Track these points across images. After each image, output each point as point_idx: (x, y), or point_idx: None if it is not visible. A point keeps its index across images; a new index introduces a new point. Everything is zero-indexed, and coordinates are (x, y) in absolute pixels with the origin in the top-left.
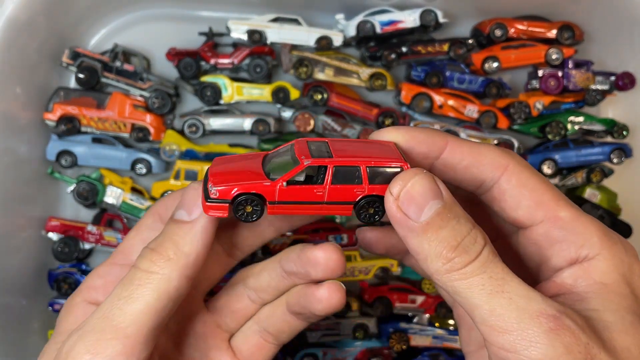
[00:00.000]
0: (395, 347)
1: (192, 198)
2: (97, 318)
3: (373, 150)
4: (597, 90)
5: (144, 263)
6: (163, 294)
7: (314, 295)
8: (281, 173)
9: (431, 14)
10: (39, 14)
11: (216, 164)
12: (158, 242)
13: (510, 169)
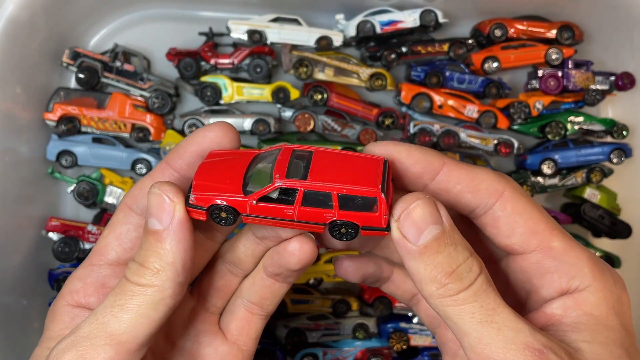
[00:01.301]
0: (395, 346)
1: (158, 204)
2: (90, 324)
3: (354, 172)
4: (597, 90)
5: (134, 276)
6: (158, 305)
7: (286, 251)
8: (257, 187)
9: (431, 14)
10: (39, 14)
11: (205, 164)
12: (142, 256)
13: (506, 195)
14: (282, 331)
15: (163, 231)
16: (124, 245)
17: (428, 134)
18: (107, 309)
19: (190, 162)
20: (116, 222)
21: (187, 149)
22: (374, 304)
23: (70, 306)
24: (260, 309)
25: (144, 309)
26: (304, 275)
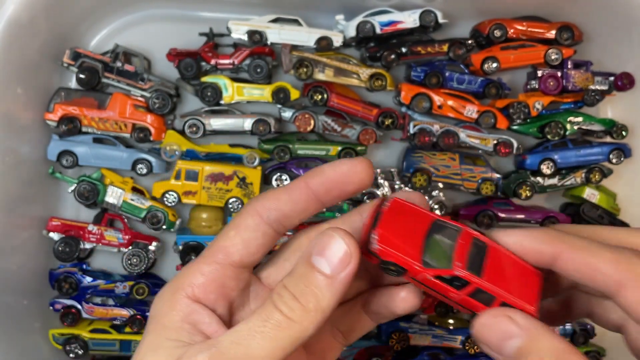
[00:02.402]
0: (395, 346)
1: (337, 252)
2: (233, 343)
3: (519, 282)
4: (596, 91)
5: (284, 307)
6: (296, 341)
7: (398, 296)
8: (434, 261)
9: (431, 15)
10: (40, 14)
11: (389, 214)
12: (299, 289)
13: (629, 287)
14: None
15: (332, 277)
16: (249, 250)
17: (428, 134)
18: (250, 332)
19: (328, 187)
20: (245, 226)
21: (329, 175)
22: None
23: (189, 299)
24: (344, 339)
25: (284, 342)
26: None
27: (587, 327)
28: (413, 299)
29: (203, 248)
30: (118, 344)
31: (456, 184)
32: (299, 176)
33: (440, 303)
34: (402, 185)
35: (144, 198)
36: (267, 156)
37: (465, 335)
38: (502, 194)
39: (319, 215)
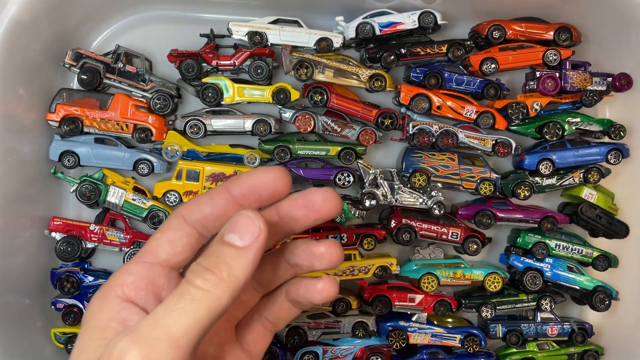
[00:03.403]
0: (395, 344)
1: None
2: (150, 325)
3: None
4: (594, 91)
5: (197, 280)
6: (213, 312)
7: (315, 288)
8: None
9: (430, 16)
10: (41, 15)
11: None
12: (212, 262)
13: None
14: (282, 330)
15: (243, 248)
16: (175, 249)
17: (427, 135)
18: (166, 312)
19: (245, 192)
20: (169, 227)
21: (246, 181)
22: (373, 302)
23: (119, 298)
24: (273, 327)
25: (201, 314)
26: None
27: (585, 327)
28: (329, 289)
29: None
30: None
31: (455, 184)
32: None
33: (440, 301)
34: (401, 185)
35: (145, 198)
36: (268, 156)
37: (465, 334)
38: (500, 193)
39: None
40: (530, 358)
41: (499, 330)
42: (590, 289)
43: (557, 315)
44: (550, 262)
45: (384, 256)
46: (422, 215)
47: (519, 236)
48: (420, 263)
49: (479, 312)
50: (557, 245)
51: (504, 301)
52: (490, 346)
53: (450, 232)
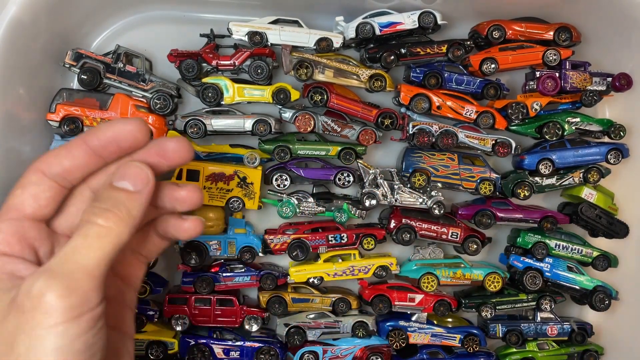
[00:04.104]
0: (395, 344)
1: (137, 174)
2: (64, 262)
3: None
4: (594, 91)
5: (99, 219)
6: (117, 246)
7: (181, 227)
8: None
9: (430, 16)
10: (42, 15)
11: None
12: (109, 204)
13: None
14: (282, 329)
15: (137, 192)
16: (40, 202)
17: (427, 134)
18: (77, 249)
19: (104, 144)
20: (29, 183)
21: (105, 133)
22: (373, 302)
23: None
24: (145, 259)
25: (108, 248)
26: (304, 275)
27: (585, 326)
28: (194, 229)
29: (203, 247)
30: None
31: (455, 183)
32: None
33: (440, 301)
34: (401, 185)
35: None
36: (268, 156)
37: (465, 333)
38: (500, 193)
39: (319, 215)
40: (530, 358)
41: (499, 330)
42: (590, 288)
43: (557, 315)
44: (550, 262)
45: (384, 256)
46: (422, 215)
47: (519, 236)
48: (420, 263)
49: (478, 312)
50: (557, 245)
51: (503, 301)
52: (490, 346)
53: (450, 232)
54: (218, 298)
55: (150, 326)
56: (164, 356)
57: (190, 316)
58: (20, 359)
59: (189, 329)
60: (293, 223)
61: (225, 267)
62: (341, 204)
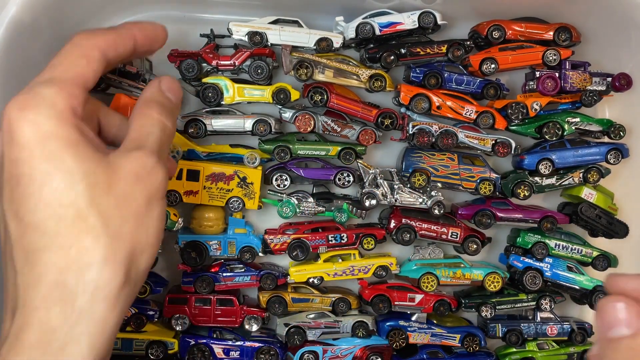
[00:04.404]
0: (394, 344)
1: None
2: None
3: None
4: (594, 91)
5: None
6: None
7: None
8: None
9: (430, 16)
10: (42, 15)
11: None
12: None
13: None
14: (282, 329)
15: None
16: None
17: (427, 135)
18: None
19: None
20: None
21: (148, 29)
22: (373, 302)
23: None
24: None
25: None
26: (304, 275)
27: (584, 326)
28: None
29: (203, 247)
30: (119, 342)
31: (455, 183)
32: (299, 176)
33: (440, 301)
34: (401, 185)
35: None
36: (268, 156)
37: (464, 333)
38: (500, 193)
39: (319, 215)
40: (530, 358)
41: (499, 329)
42: (590, 288)
43: (556, 315)
44: (550, 262)
45: (384, 256)
46: (422, 215)
47: (519, 236)
48: (420, 263)
49: (478, 312)
50: (556, 245)
51: (503, 301)
52: (490, 346)
53: (450, 232)
54: (218, 298)
55: (150, 326)
56: (164, 356)
57: (190, 316)
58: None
59: (189, 329)
60: (293, 223)
61: (225, 267)
62: (341, 204)
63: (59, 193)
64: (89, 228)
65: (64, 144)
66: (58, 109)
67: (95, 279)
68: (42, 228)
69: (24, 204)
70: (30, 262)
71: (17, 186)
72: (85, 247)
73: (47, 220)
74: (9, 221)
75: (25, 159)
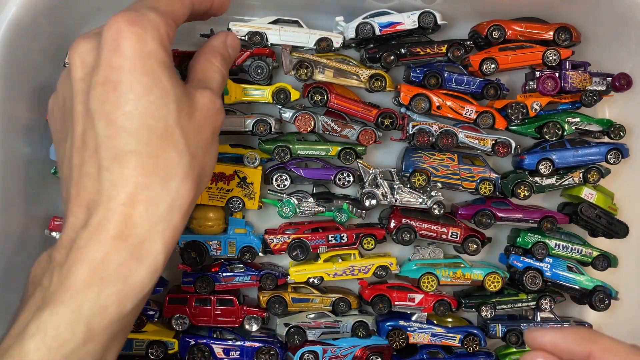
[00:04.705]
0: (394, 344)
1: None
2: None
3: None
4: (594, 91)
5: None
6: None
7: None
8: None
9: (430, 16)
10: (42, 15)
11: None
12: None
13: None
14: (282, 329)
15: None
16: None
17: (427, 135)
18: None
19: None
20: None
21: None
22: (373, 302)
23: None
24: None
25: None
26: (304, 274)
27: (585, 326)
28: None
29: (203, 247)
30: None
31: (455, 183)
32: (299, 176)
33: (440, 301)
34: (401, 185)
35: None
36: (268, 156)
37: (464, 333)
38: (500, 193)
39: (319, 215)
40: None
41: (499, 329)
42: (590, 288)
43: (556, 315)
44: (550, 262)
45: (384, 256)
46: (422, 215)
47: (519, 236)
48: (420, 263)
49: (478, 312)
50: (556, 245)
51: (503, 301)
52: (490, 346)
53: (450, 232)
54: (218, 298)
55: (150, 326)
56: (164, 356)
57: (190, 316)
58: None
59: (189, 329)
60: (293, 223)
61: (225, 267)
62: (341, 204)
63: (154, 107)
64: (175, 143)
65: (162, 65)
66: (161, 32)
67: (177, 188)
68: (134, 134)
69: (119, 108)
70: (119, 162)
71: (114, 91)
72: (171, 159)
73: (140, 127)
74: (97, 121)
75: (128, 68)
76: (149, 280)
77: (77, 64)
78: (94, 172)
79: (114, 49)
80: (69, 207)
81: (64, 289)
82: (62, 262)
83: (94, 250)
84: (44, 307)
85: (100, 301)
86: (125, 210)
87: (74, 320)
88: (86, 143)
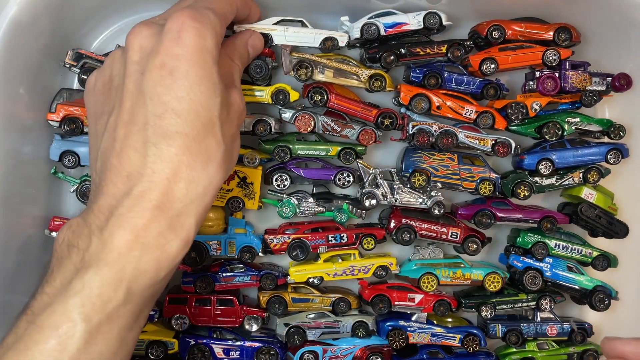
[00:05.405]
0: (394, 344)
1: (260, 46)
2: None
3: None
4: (594, 91)
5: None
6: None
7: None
8: None
9: (435, 17)
10: (42, 15)
11: None
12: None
13: None
14: (282, 329)
15: (253, 55)
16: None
17: (427, 135)
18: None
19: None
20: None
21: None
22: (373, 302)
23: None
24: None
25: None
26: (304, 274)
27: (584, 326)
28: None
29: (203, 247)
30: None
31: (455, 183)
32: (299, 176)
33: (440, 301)
34: (400, 185)
35: None
36: (268, 156)
37: (464, 333)
38: (500, 193)
39: (319, 215)
40: (530, 358)
41: (499, 329)
42: (590, 288)
43: (556, 315)
44: (550, 262)
45: (384, 256)
46: (422, 215)
47: (519, 236)
48: (420, 263)
49: (478, 312)
50: (556, 245)
51: (503, 301)
52: (490, 346)
53: (450, 232)
54: (218, 298)
55: (150, 326)
56: (164, 356)
57: (190, 316)
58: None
59: (189, 329)
60: (293, 223)
61: (225, 267)
62: (341, 204)
63: (204, 97)
64: (215, 132)
65: (214, 61)
66: (217, 32)
67: (214, 172)
68: (183, 117)
69: (172, 92)
70: (167, 140)
71: (170, 75)
72: (211, 147)
73: (189, 112)
74: (148, 100)
75: (186, 58)
76: (181, 251)
77: (136, 47)
78: (140, 146)
79: (176, 39)
80: (106, 176)
81: (107, 251)
82: (102, 226)
83: (136, 217)
84: (87, 267)
85: (141, 265)
86: (168, 185)
87: (117, 281)
88: (134, 118)
